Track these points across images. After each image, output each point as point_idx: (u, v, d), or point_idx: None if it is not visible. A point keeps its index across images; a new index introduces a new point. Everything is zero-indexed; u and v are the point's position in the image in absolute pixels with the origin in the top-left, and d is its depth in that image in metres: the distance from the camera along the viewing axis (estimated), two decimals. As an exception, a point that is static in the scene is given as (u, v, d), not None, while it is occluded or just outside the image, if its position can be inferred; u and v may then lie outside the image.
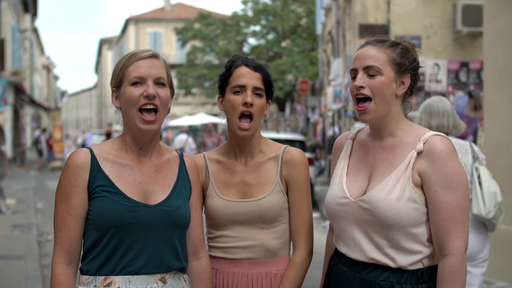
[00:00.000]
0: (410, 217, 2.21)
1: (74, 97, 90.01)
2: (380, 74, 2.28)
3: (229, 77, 2.53)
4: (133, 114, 2.24)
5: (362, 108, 2.29)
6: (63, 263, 2.20)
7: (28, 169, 27.14)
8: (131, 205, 2.20)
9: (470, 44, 14.99)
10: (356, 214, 2.28)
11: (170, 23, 49.72)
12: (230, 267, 2.53)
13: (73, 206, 2.20)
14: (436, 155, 2.22)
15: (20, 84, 28.09)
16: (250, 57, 2.63)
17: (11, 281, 7.19)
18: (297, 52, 33.21)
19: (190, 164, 2.42)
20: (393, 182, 2.24)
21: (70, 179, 2.21)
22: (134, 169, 2.28)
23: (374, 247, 2.27)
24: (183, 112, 43.64)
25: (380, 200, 2.22)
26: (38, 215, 12.81)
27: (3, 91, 14.31)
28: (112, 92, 2.32)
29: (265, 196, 2.52)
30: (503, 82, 7.16)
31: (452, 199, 2.20)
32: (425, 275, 2.27)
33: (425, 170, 2.23)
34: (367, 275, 2.28)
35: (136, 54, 2.28)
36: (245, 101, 2.47)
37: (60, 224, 2.21)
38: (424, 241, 2.26)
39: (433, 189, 2.22)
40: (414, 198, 2.22)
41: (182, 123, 33.18)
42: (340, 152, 2.49)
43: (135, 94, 2.22)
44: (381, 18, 15.18)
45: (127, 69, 2.25)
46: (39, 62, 50.11)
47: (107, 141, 2.36)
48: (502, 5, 7.23)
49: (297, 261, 2.53)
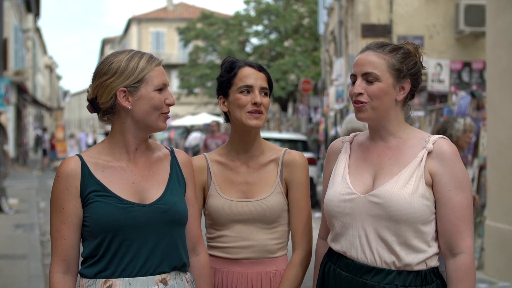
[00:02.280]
0: (421, 213, 2.23)
1: (76, 97, 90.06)
2: (378, 81, 2.29)
3: (234, 77, 2.54)
4: (155, 116, 2.26)
5: (358, 106, 2.32)
6: (60, 272, 2.20)
7: (31, 168, 27.18)
8: (126, 207, 2.19)
9: (473, 44, 14.99)
10: (365, 210, 2.28)
11: (172, 23, 49.76)
12: (230, 266, 2.55)
13: (67, 214, 2.20)
14: (447, 156, 2.27)
15: (23, 84, 28.13)
16: (252, 57, 2.66)
17: (13, 280, 7.20)
18: (300, 52, 33.21)
19: (182, 159, 2.40)
20: (405, 178, 2.25)
21: (61, 188, 2.21)
22: (125, 170, 2.27)
23: (381, 244, 2.26)
24: (186, 112, 43.66)
25: (394, 194, 2.23)
26: (41, 215, 12.82)
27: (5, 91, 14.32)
28: (120, 90, 2.23)
29: (266, 197, 2.54)
30: (506, 82, 7.16)
31: (463, 198, 2.25)
32: (428, 277, 2.27)
33: (436, 170, 2.26)
34: (370, 280, 2.26)
35: (153, 58, 2.28)
36: (255, 101, 2.50)
37: (55, 234, 2.21)
38: (429, 241, 2.27)
39: (446, 188, 2.25)
40: (426, 195, 2.25)
41: (184, 123, 33.22)
42: (335, 155, 2.49)
43: (162, 100, 2.26)
44: (384, 18, 15.17)
45: (150, 73, 2.24)
46: (41, 62, 50.17)
47: (96, 145, 2.34)
48: (505, 5, 7.22)
49: (297, 261, 2.55)
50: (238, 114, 2.52)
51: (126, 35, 56.73)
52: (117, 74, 2.22)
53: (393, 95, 2.32)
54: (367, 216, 2.28)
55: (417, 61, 2.38)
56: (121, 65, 2.23)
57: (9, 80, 15.69)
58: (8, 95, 14.75)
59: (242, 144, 2.59)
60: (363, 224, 2.29)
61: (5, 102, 14.51)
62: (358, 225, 2.30)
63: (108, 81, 2.23)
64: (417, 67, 2.38)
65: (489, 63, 7.70)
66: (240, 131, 2.57)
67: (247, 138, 2.58)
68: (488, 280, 7.25)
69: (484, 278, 7.33)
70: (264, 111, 2.53)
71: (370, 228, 2.28)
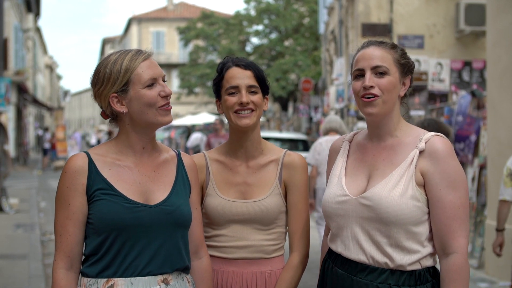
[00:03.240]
0: (411, 215, 2.22)
1: (77, 97, 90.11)
2: (387, 74, 2.29)
3: (222, 80, 2.56)
4: (152, 113, 2.23)
5: (368, 100, 2.28)
6: (63, 268, 2.20)
7: (31, 168, 27.18)
8: (131, 206, 2.19)
9: (473, 43, 14.98)
10: (356, 212, 2.28)
11: (173, 22, 49.75)
12: (225, 266, 2.55)
13: (72, 210, 2.20)
14: (439, 155, 2.23)
15: (23, 84, 28.13)
16: (252, 56, 2.65)
17: (14, 280, 7.20)
18: (300, 51, 33.19)
19: (188, 163, 2.41)
20: (395, 180, 2.24)
21: (68, 184, 2.21)
22: (132, 170, 2.27)
23: (373, 245, 2.26)
24: (186, 111, 43.65)
25: (383, 196, 2.22)
26: (41, 215, 12.83)
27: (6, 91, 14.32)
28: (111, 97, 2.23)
29: (264, 198, 2.53)
30: (506, 81, 7.16)
31: (455, 198, 2.22)
32: (423, 277, 2.26)
33: (428, 169, 2.24)
34: (364, 278, 2.27)
35: (136, 55, 2.24)
36: (240, 101, 2.49)
37: (60, 229, 2.21)
38: (423, 241, 2.26)
39: (437, 188, 2.23)
40: (416, 196, 2.23)
41: (185, 122, 33.21)
42: (336, 154, 2.50)
43: (154, 95, 2.22)
44: (384, 17, 15.18)
45: (135, 72, 2.22)
46: (42, 62, 50.16)
47: (104, 143, 2.34)
48: (505, 4, 7.22)
49: (294, 263, 2.54)
50: (228, 116, 2.54)
51: (126, 35, 56.73)
52: (105, 82, 2.23)
53: (399, 90, 2.33)
54: (358, 218, 2.28)
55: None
56: (107, 71, 2.23)
57: (9, 80, 15.69)
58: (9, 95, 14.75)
59: (240, 144, 2.59)
60: (355, 225, 2.29)
61: (5, 102, 14.51)
62: (351, 226, 2.30)
63: (100, 90, 2.25)
64: (413, 65, 2.40)
65: (490, 63, 7.70)
66: (236, 131, 2.57)
67: (244, 138, 2.57)
68: (489, 279, 7.25)
69: (484, 277, 7.34)
70: (255, 108, 2.51)
71: (362, 230, 2.28)
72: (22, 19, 32.12)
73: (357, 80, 2.33)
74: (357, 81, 2.33)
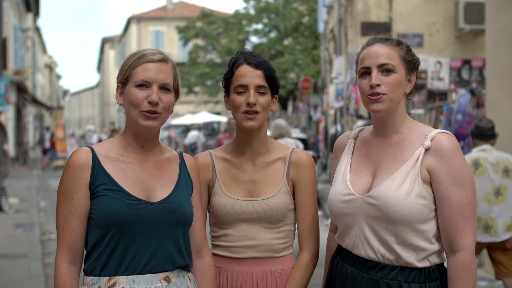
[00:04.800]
0: (418, 213, 2.21)
1: (76, 96, 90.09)
2: (394, 72, 2.28)
3: (231, 76, 2.53)
4: (135, 113, 2.25)
5: (375, 98, 2.27)
6: (66, 262, 2.20)
7: (31, 168, 27.17)
8: (134, 203, 2.20)
9: (472, 41, 14.99)
10: (363, 210, 2.28)
11: (172, 21, 49.71)
12: (235, 266, 2.53)
13: (75, 205, 2.20)
14: (445, 152, 2.23)
15: (23, 83, 28.12)
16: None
17: (14, 280, 7.21)
18: (299, 50, 33.21)
19: (190, 163, 2.42)
20: (401, 178, 2.24)
21: (71, 178, 2.21)
22: (135, 166, 2.28)
23: (381, 244, 2.26)
24: (185, 110, 43.64)
25: (389, 195, 2.22)
26: (41, 214, 12.83)
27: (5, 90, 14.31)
28: (117, 87, 2.32)
29: (272, 196, 2.51)
30: (506, 79, 7.16)
31: (462, 195, 2.21)
32: (432, 274, 2.26)
33: (434, 167, 2.23)
34: (375, 275, 2.27)
35: (146, 55, 2.27)
36: (248, 101, 2.46)
37: (63, 224, 2.21)
38: (431, 238, 2.26)
39: (443, 185, 2.22)
40: (423, 194, 2.22)
41: (185, 121, 33.22)
42: (341, 151, 2.49)
43: (139, 97, 2.23)
44: (383, 16, 15.17)
45: (135, 69, 2.25)
46: (41, 61, 50.14)
47: (108, 139, 2.36)
48: (505, 2, 7.22)
49: (304, 262, 2.53)
50: (235, 115, 2.51)
51: (126, 34, 56.69)
52: (120, 71, 2.32)
53: (405, 87, 2.32)
54: (365, 217, 2.28)
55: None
56: (123, 62, 2.32)
57: (8, 80, 15.67)
58: (8, 95, 14.74)
59: (247, 142, 2.57)
60: (362, 224, 2.29)
61: (4, 101, 14.50)
62: (359, 225, 2.30)
63: (117, 77, 2.33)
64: (419, 61, 2.39)
65: (489, 61, 7.70)
66: (243, 130, 2.55)
67: (250, 137, 2.55)
68: (489, 278, 7.25)
69: (484, 276, 7.34)
70: (260, 110, 2.48)
71: (370, 228, 2.28)
72: (22, 18, 32.10)
73: (363, 78, 2.31)
74: (363, 79, 2.31)
